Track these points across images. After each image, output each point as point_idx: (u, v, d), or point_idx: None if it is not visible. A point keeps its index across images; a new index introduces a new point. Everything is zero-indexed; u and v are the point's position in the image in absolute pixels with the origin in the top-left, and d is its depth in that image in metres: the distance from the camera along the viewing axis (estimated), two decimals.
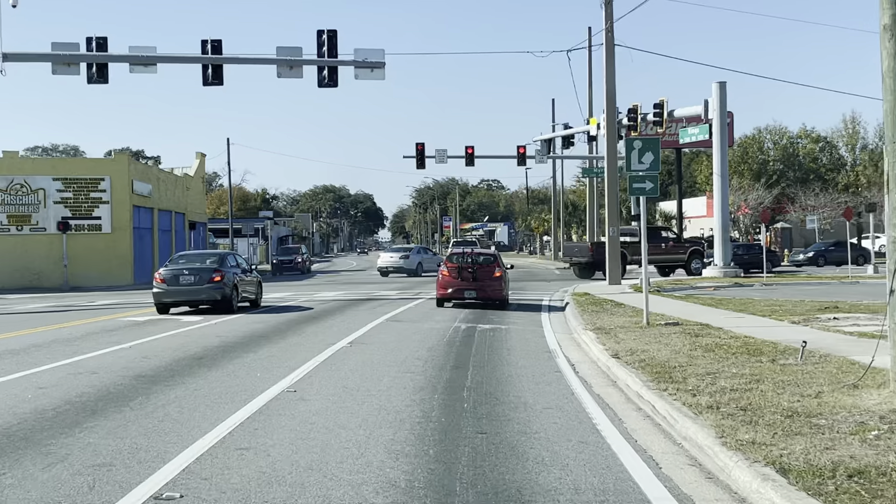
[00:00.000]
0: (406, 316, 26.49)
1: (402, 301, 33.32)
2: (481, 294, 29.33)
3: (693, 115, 49.39)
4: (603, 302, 29.96)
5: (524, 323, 24.89)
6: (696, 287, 40.28)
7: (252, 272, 30.28)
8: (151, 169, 59.95)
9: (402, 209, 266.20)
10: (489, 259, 30.36)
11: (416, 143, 64.45)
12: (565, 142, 62.81)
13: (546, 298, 36.22)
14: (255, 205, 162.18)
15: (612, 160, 43.44)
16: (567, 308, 29.11)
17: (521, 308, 30.52)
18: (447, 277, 29.59)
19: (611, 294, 35.16)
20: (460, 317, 26.28)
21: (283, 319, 25.54)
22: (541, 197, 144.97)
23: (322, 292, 39.86)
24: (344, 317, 26.26)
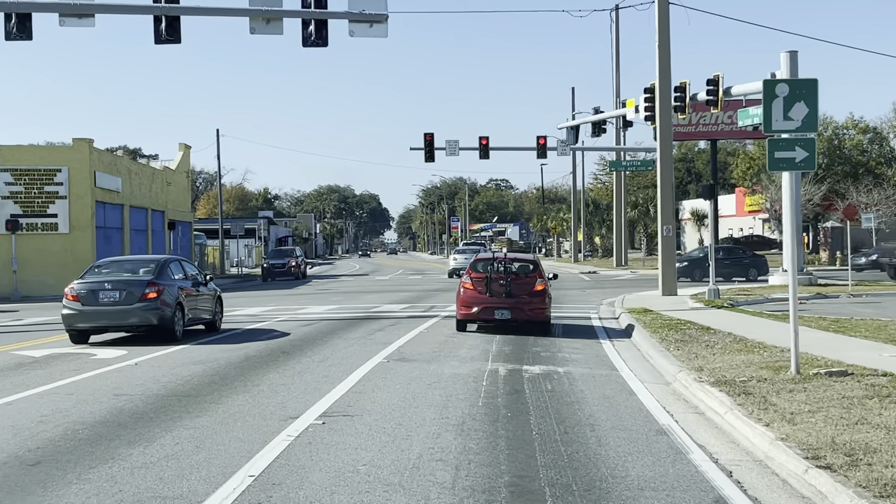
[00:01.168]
0: (416, 349, 18.75)
1: (410, 321, 25.61)
2: (518, 315, 21.66)
3: (755, 93, 41.48)
4: (678, 324, 22.37)
5: (587, 360, 17.26)
6: (771, 299, 32.61)
7: (208, 284, 22.57)
8: (121, 159, 52.36)
9: (408, 210, 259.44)
10: (527, 267, 22.65)
11: (424, 134, 57.26)
12: (595, 128, 55.02)
13: (592, 313, 28.69)
14: (256, 204, 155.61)
15: (667, 144, 35.75)
16: (634, 332, 21.50)
17: (570, 331, 22.88)
18: (471, 292, 21.92)
19: (675, 309, 27.60)
20: (493, 349, 18.66)
21: (238, 356, 17.82)
22: (551, 197, 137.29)
23: (311, 306, 32.15)
24: (327, 351, 18.52)
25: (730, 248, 52.60)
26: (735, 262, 48.97)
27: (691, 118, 72.17)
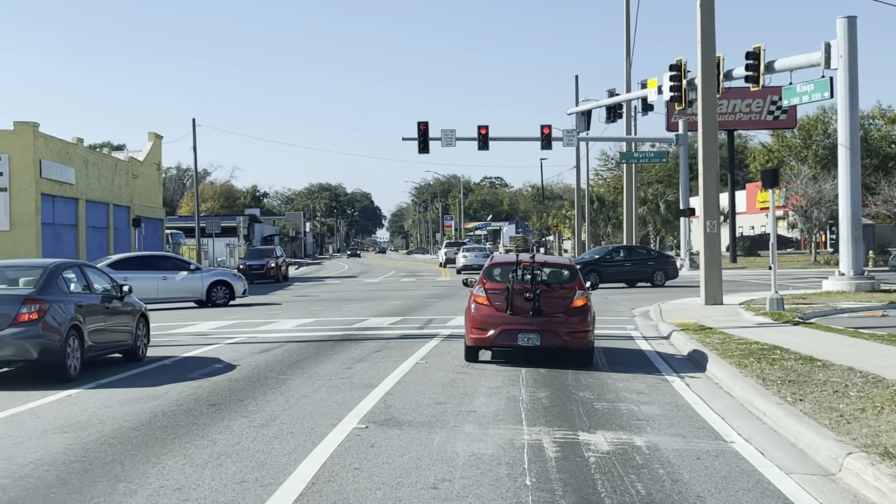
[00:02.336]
0: (411, 399, 12.77)
1: (401, 344, 19.65)
2: (550, 340, 15.79)
3: (802, 67, 35.64)
4: (764, 351, 16.82)
5: (669, 419, 11.52)
6: (842, 309, 26.84)
7: (125, 298, 16.56)
8: (75, 147, 46.21)
9: (400, 208, 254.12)
10: (562, 274, 16.73)
11: (418, 123, 51.75)
12: (610, 113, 49.29)
13: (629, 328, 23.15)
14: (243, 202, 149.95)
15: (710, 121, 29.90)
16: (709, 363, 15.70)
17: (616, 359, 17.18)
18: (486, 308, 16.02)
19: (736, 326, 22.05)
20: (523, 395, 12.87)
21: (140, 414, 11.79)
22: (548, 195, 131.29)
23: (280, 320, 26.14)
24: (277, 403, 12.48)
25: (631, 249, 46.67)
26: (639, 266, 43.15)
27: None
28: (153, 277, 31.55)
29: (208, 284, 32.57)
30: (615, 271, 42.26)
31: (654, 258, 44.81)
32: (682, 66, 41.25)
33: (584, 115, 51.90)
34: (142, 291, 31.00)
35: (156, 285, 31.37)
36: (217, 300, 32.42)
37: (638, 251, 46.52)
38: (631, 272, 42.52)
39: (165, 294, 31.83)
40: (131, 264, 32.54)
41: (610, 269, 42.07)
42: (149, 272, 31.64)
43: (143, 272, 31.49)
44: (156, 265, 32.66)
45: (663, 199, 79.45)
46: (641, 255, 45.07)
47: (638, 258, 43.64)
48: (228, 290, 32.82)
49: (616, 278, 41.89)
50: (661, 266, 43.15)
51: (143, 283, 30.00)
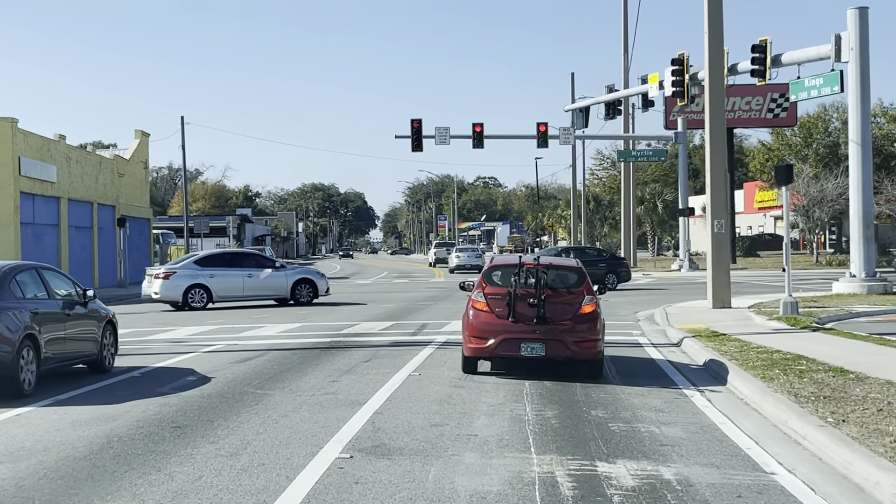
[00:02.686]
0: (402, 419, 11.34)
1: (393, 353, 18.21)
2: (556, 350, 14.39)
3: (811, 60, 34.26)
4: (787, 361, 15.54)
5: (696, 443, 10.17)
6: (857, 313, 25.54)
7: (89, 304, 15.11)
8: (56, 144, 44.63)
9: (394, 208, 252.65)
10: (569, 278, 15.30)
11: (411, 120, 50.30)
12: (610, 109, 47.86)
13: (635, 334, 21.87)
14: (235, 202, 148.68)
15: (718, 115, 28.57)
16: (730, 375, 14.33)
17: (626, 369, 15.79)
18: (486, 315, 14.60)
19: (751, 332, 20.72)
20: (528, 415, 11.50)
21: (91, 440, 10.32)
22: (541, 194, 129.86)
23: (264, 325, 24.66)
24: (250, 425, 11.01)
25: (581, 250, 43.21)
26: (590, 268, 39.39)
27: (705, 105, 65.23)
28: (239, 275, 31.29)
29: (293, 282, 32.08)
30: None
31: (605, 260, 42.46)
32: (685, 60, 39.89)
33: (582, 111, 50.50)
34: (228, 289, 31.01)
35: (241, 283, 31.12)
36: (301, 298, 31.97)
37: (588, 253, 43.48)
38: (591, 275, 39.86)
39: (251, 292, 31.56)
40: (217, 261, 32.24)
41: None
42: (234, 269, 31.39)
43: (229, 269, 31.36)
44: (241, 262, 32.32)
45: (661, 198, 78.11)
46: (592, 256, 41.82)
47: (588, 260, 38.30)
48: (312, 289, 32.39)
49: None
50: (613, 268, 40.66)
51: (228, 281, 30.68)
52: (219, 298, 31.29)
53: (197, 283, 30.92)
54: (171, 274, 31.02)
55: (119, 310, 33.95)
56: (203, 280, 30.99)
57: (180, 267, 31.76)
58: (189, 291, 30.82)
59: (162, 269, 31.76)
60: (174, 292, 30.90)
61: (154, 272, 31.86)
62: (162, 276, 31.03)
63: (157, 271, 31.76)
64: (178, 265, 32.04)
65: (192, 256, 33.37)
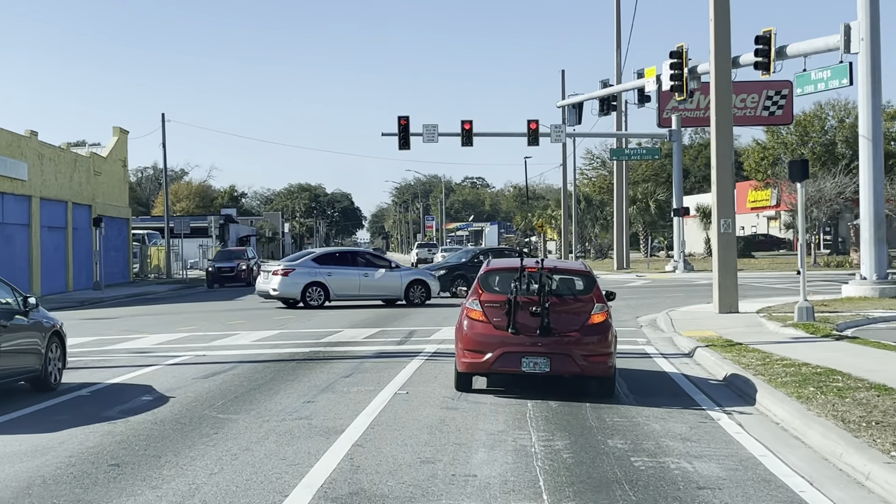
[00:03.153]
0: (387, 453, 9.55)
1: (377, 365, 16.45)
2: (562, 366, 12.69)
3: (818, 52, 32.63)
4: (818, 376, 13.95)
5: (743, 487, 8.47)
6: (874, 318, 23.88)
7: (30, 314, 13.28)
8: (28, 141, 42.65)
9: (381, 209, 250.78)
10: (575, 284, 13.55)
11: (398, 117, 48.68)
12: (604, 105, 46.17)
13: (640, 342, 20.35)
14: (221, 202, 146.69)
15: (724, 107, 26.88)
16: (759, 393, 12.69)
17: (639, 386, 14.08)
18: (482, 325, 12.88)
19: (767, 342, 19.20)
20: (535, 447, 9.85)
21: (8, 487, 8.42)
22: (530, 195, 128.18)
23: (239, 332, 22.84)
24: (205, 463, 9.11)
25: (502, 252, 39.90)
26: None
27: (699, 101, 63.59)
28: (355, 274, 31.21)
29: (407, 283, 31.79)
30: None
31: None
32: (684, 52, 38.25)
33: (575, 108, 48.76)
34: (344, 288, 30.76)
35: (357, 282, 30.99)
36: (414, 299, 31.63)
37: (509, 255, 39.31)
38: None
39: (366, 291, 31.35)
40: (334, 259, 32.19)
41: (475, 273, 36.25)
42: (350, 268, 31.36)
43: (345, 268, 31.33)
44: (357, 261, 32.34)
45: (653, 198, 76.51)
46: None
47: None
48: (425, 290, 32.00)
49: None
50: None
51: (345, 280, 30.73)
52: (335, 297, 31.10)
53: (315, 281, 30.79)
54: (291, 271, 30.87)
55: (92, 314, 32.38)
56: (321, 278, 30.85)
57: (299, 264, 31.58)
58: (307, 289, 30.71)
59: (281, 266, 31.63)
60: (293, 289, 30.75)
61: (272, 268, 31.68)
62: (281, 272, 30.89)
63: (276, 267, 31.58)
64: (296, 262, 31.95)
65: (310, 254, 33.43)
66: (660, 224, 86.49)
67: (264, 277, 32.40)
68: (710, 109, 67.24)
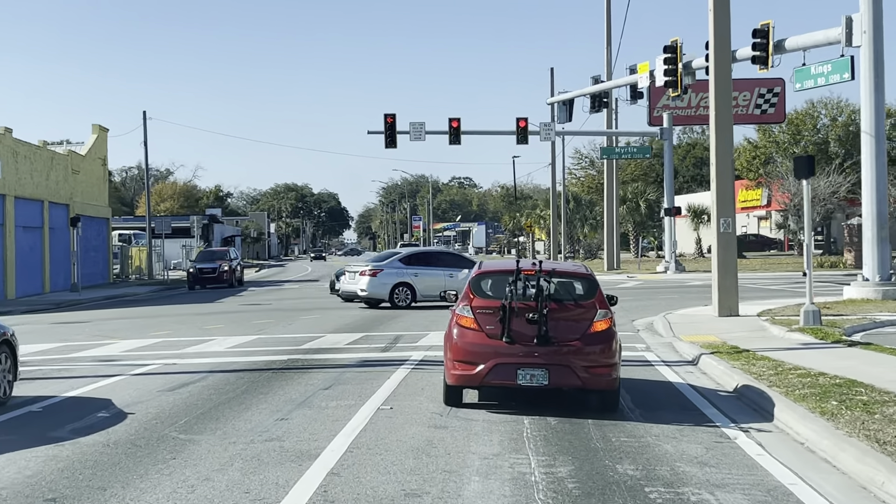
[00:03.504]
0: (364, 484, 8.37)
1: (359, 376, 15.25)
2: (562, 378, 11.55)
3: (818, 45, 31.58)
4: (841, 388, 13.05)
5: None
6: (882, 322, 22.79)
7: None
8: (2, 137, 41.32)
9: (368, 209, 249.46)
10: (575, 288, 12.38)
11: (385, 115, 47.50)
12: (595, 102, 45.07)
13: (639, 347, 19.04)
14: (206, 202, 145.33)
15: (724, 101, 25.75)
16: (777, 408, 11.62)
17: (643, 398, 12.95)
18: (474, 334, 11.72)
19: (775, 348, 18.30)
20: (537, 478, 8.66)
21: None
22: (518, 194, 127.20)
23: (215, 337, 21.59)
24: (156, 497, 8.07)
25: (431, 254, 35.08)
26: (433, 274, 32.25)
27: (691, 100, 62.71)
28: (441, 274, 31.08)
29: None
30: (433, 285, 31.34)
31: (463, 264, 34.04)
32: (678, 47, 37.19)
33: (565, 105, 47.66)
34: (430, 288, 30.45)
35: (443, 282, 30.29)
36: None
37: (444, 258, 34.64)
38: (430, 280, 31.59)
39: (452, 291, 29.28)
40: (420, 260, 32.27)
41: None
42: (436, 268, 31.40)
43: (431, 268, 31.41)
44: (442, 261, 32.45)
45: (644, 197, 75.46)
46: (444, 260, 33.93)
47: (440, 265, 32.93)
48: None
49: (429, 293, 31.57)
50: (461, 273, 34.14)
51: (431, 280, 30.59)
52: (422, 297, 30.91)
53: (403, 282, 30.86)
54: (379, 271, 30.92)
55: (65, 317, 31.13)
56: (408, 279, 30.91)
57: (386, 265, 31.59)
58: (395, 289, 30.76)
59: (368, 267, 31.71)
60: (382, 290, 30.78)
61: (359, 269, 31.89)
62: (369, 273, 30.95)
63: (364, 268, 31.72)
64: (383, 262, 31.81)
65: (395, 254, 33.58)
66: (648, 224, 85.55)
67: (350, 278, 32.46)
68: (700, 108, 66.44)
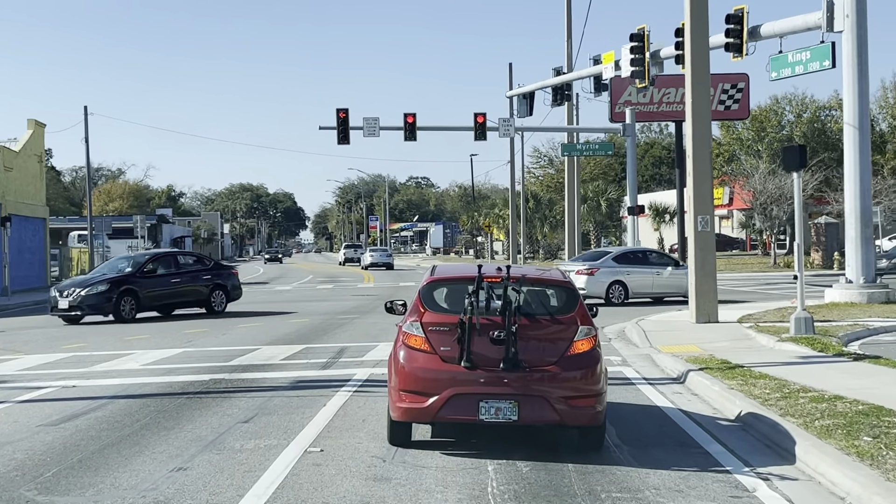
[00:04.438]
0: None
1: (291, 403, 12.84)
2: (535, 412, 9.28)
3: (797, 31, 29.60)
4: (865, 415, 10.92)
5: None
6: (875, 329, 20.78)
7: None
8: None
9: (324, 209, 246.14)
10: (556, 298, 10.07)
11: (337, 110, 45.32)
12: (557, 94, 42.90)
13: (622, 366, 16.90)
14: (158, 202, 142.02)
15: (701, 88, 23.62)
16: (801, 447, 9.36)
17: (631, 433, 10.74)
18: (425, 356, 9.42)
19: (759, 357, 17.00)
20: None
21: None
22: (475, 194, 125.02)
23: (133, 352, 18.99)
24: None
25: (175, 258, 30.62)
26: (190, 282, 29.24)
27: (653, 95, 60.68)
28: (649, 272, 32.38)
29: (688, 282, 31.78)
30: (157, 293, 28.14)
31: (209, 270, 30.34)
32: (645, 35, 35.13)
33: (525, 98, 45.43)
34: (640, 286, 32.08)
35: (651, 280, 32.22)
36: None
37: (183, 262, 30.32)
38: (180, 293, 28.82)
39: (658, 289, 32.46)
40: (629, 259, 33.11)
41: (149, 288, 27.92)
42: (644, 267, 32.58)
43: (640, 266, 32.62)
44: (650, 260, 33.43)
45: (605, 196, 73.55)
46: (192, 267, 29.95)
47: (188, 271, 29.41)
48: None
49: (156, 303, 28.26)
50: (220, 282, 29.91)
51: (641, 278, 31.95)
52: (633, 295, 32.11)
53: (617, 280, 31.84)
54: (596, 270, 31.86)
55: None
56: (621, 277, 31.92)
57: (601, 264, 32.50)
58: (610, 287, 31.75)
59: (584, 266, 32.50)
60: (599, 288, 31.75)
61: (574, 268, 32.19)
62: (586, 272, 31.74)
63: (580, 267, 32.29)
64: (598, 262, 32.61)
65: (606, 254, 34.15)
66: (608, 223, 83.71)
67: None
68: (662, 103, 64.41)
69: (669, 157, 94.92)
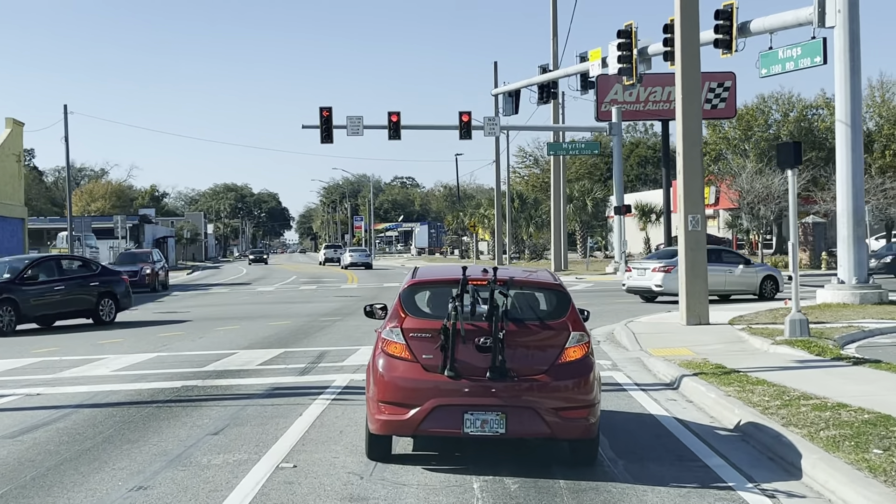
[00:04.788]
0: None
1: (266, 413, 12.19)
2: (524, 424, 8.65)
3: (787, 27, 29.09)
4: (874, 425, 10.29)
5: None
6: (871, 331, 20.28)
7: None
8: None
9: (309, 209, 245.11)
10: (546, 302, 9.46)
11: (320, 108, 44.78)
12: (544, 92, 42.31)
13: (612, 371, 16.22)
14: (141, 203, 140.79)
15: (692, 83, 23.10)
16: (807, 461, 8.77)
17: (624, 444, 10.05)
18: (406, 365, 8.79)
19: (753, 361, 16.44)
20: None
21: None
22: (460, 194, 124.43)
23: (105, 357, 18.27)
24: None
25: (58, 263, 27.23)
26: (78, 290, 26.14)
27: (639, 94, 60.12)
28: (721, 270, 32.30)
29: (761, 278, 33.29)
30: (39, 303, 25.04)
31: (97, 275, 27.04)
32: (633, 32, 34.60)
33: (511, 95, 44.89)
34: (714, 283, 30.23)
35: (724, 278, 32.28)
36: (766, 293, 32.85)
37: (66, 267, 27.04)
38: (68, 301, 25.70)
39: (729, 287, 32.76)
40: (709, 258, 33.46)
41: (35, 297, 24.91)
42: (718, 265, 32.10)
43: (714, 264, 31.44)
44: (722, 257, 33.52)
45: (591, 196, 73.06)
46: (77, 272, 26.95)
47: (73, 277, 26.39)
48: (775, 285, 33.27)
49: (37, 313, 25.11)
50: (109, 289, 26.85)
51: (714, 275, 30.63)
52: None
53: None
54: (672, 268, 31.33)
55: None
56: None
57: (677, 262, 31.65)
58: None
59: (661, 264, 32.84)
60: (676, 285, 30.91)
61: (650, 266, 33.06)
62: (662, 269, 32.26)
63: (657, 265, 32.87)
64: (673, 260, 31.89)
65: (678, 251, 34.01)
66: (594, 223, 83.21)
67: (638, 274, 33.55)
68: (648, 102, 63.92)
69: (655, 157, 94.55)
